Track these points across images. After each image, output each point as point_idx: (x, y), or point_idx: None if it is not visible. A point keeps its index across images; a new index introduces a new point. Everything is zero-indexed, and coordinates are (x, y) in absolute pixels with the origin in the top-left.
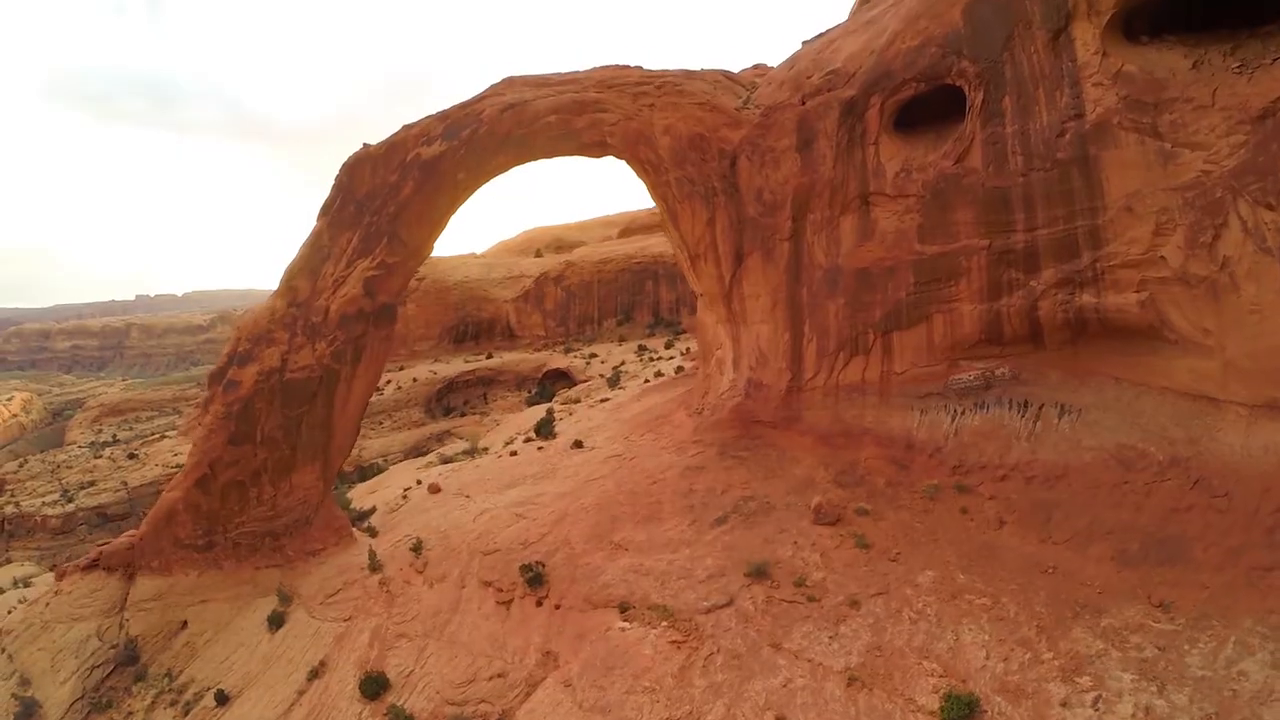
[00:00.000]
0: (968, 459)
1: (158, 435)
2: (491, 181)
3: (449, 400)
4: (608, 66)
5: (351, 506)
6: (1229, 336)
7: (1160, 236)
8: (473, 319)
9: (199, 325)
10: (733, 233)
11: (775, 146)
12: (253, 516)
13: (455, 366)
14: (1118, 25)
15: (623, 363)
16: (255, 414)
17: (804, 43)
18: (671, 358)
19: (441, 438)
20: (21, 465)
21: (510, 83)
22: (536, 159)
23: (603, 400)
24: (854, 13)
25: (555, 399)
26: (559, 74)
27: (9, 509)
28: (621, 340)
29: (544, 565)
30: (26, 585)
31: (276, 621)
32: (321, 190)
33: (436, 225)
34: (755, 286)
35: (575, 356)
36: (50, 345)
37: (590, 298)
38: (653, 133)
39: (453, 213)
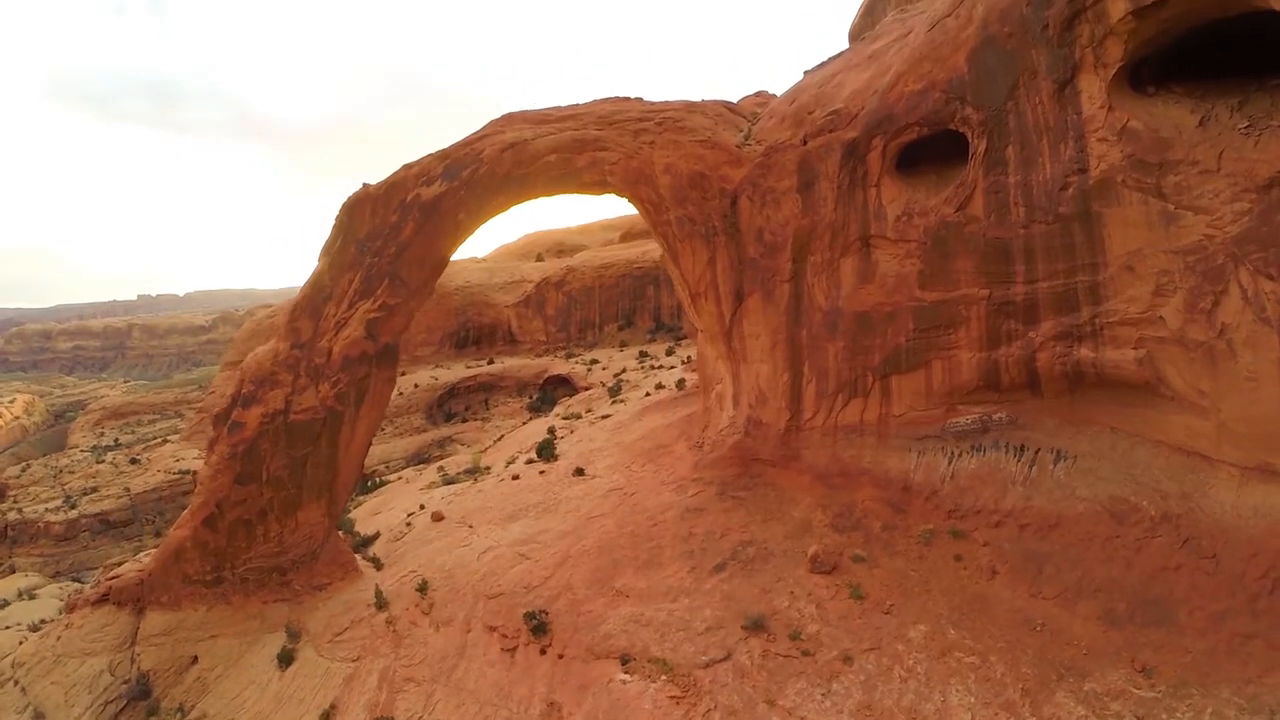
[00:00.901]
0: (964, 503)
1: (160, 440)
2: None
3: (450, 406)
4: (608, 99)
5: (354, 530)
6: (1224, 400)
7: (1160, 297)
8: (474, 324)
9: (201, 326)
10: (733, 272)
11: (776, 187)
12: (260, 553)
13: (457, 372)
14: (1124, 76)
15: (624, 370)
16: (261, 455)
17: (806, 72)
18: (672, 367)
19: (443, 444)
20: (24, 470)
21: (510, 119)
22: (537, 197)
23: (604, 417)
24: (855, 31)
25: (557, 409)
26: (559, 109)
27: (12, 515)
28: (623, 346)
29: (547, 613)
30: (31, 597)
31: (286, 659)
32: (322, 190)
33: (438, 265)
34: (755, 326)
35: (576, 362)
36: (52, 346)
37: (591, 303)
38: (653, 171)
39: (454, 251)
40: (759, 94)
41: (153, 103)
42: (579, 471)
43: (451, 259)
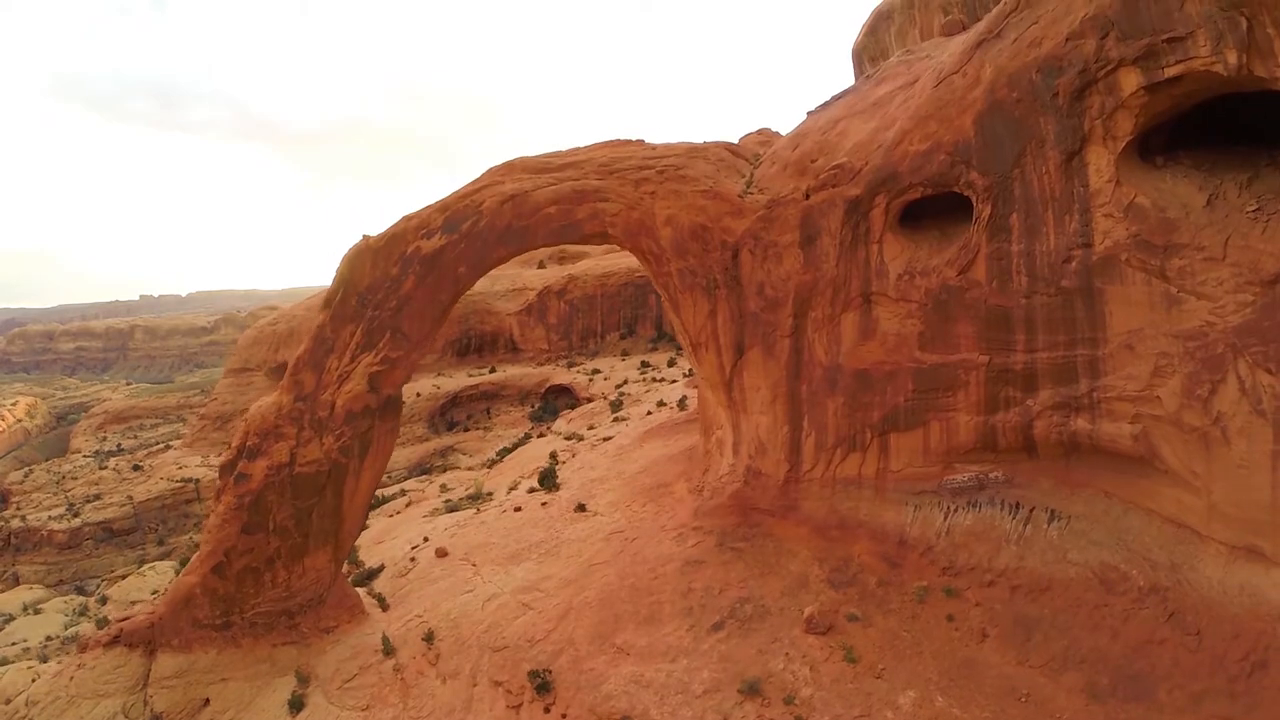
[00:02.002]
0: (958, 560)
1: (162, 445)
2: None
3: (452, 415)
4: (609, 144)
5: (359, 559)
6: (1216, 482)
7: (1158, 378)
8: (476, 332)
9: (203, 327)
10: (734, 325)
11: (778, 241)
12: (268, 598)
13: (459, 381)
14: (1133, 148)
15: (625, 381)
16: (267, 505)
17: (809, 113)
18: (674, 380)
19: (445, 453)
20: (27, 475)
21: (510, 168)
22: (538, 248)
23: (605, 439)
24: (858, 49)
25: (559, 423)
26: (559, 154)
27: (15, 523)
28: (624, 355)
29: (550, 671)
30: (36, 612)
31: (296, 705)
32: (326, 191)
33: (440, 318)
34: (755, 379)
35: (578, 372)
36: (54, 347)
37: (593, 311)
38: (654, 223)
39: (455, 303)
40: (761, 132)
41: (156, 103)
42: (580, 507)
43: None
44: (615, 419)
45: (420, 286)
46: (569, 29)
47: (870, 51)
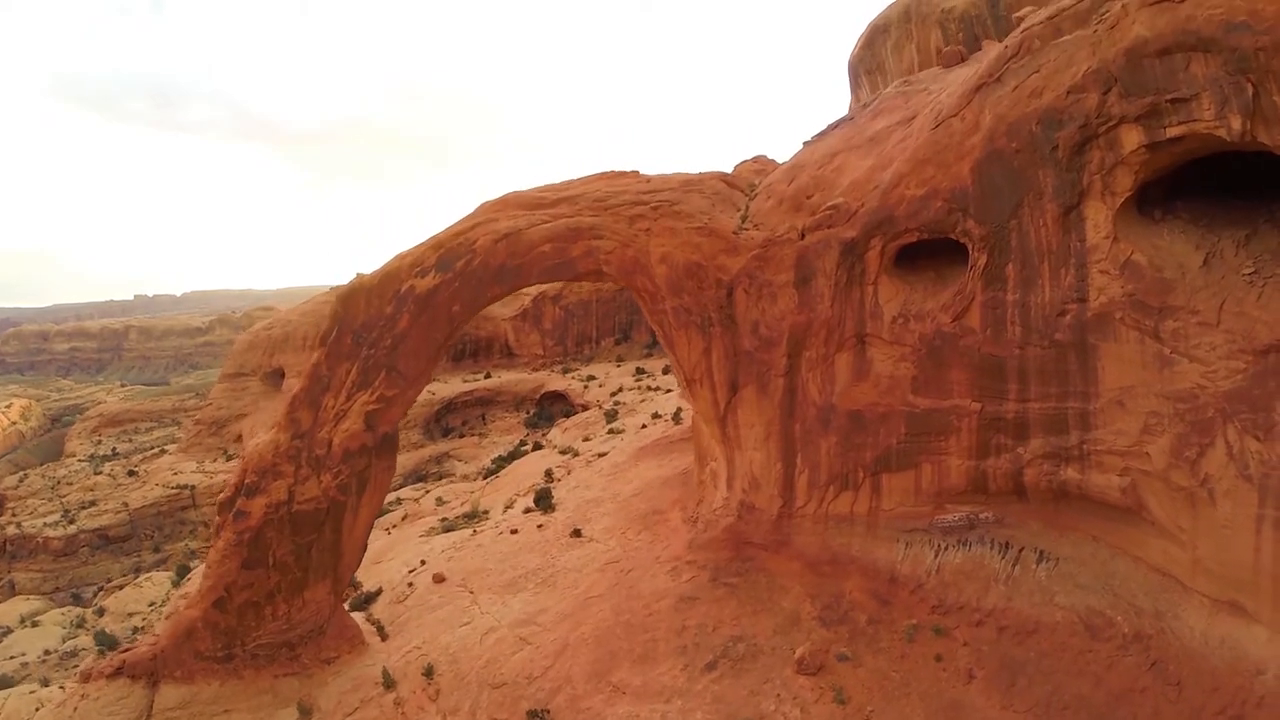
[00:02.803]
0: (947, 598)
1: (157, 450)
2: (481, 194)
3: (448, 421)
4: (604, 176)
5: (356, 580)
6: (1201, 539)
7: (1148, 435)
8: (471, 337)
9: (197, 328)
10: (728, 363)
11: (773, 281)
12: (269, 630)
13: (454, 386)
14: (1131, 202)
15: (620, 389)
16: (266, 541)
17: (805, 143)
18: (669, 389)
19: (440, 460)
20: (22, 480)
21: (504, 204)
22: (532, 285)
23: (600, 455)
24: (855, 62)
25: (554, 433)
26: (554, 188)
27: (11, 529)
28: (619, 361)
29: (549, 711)
30: (34, 624)
31: None
32: (321, 191)
33: (435, 356)
34: (749, 416)
35: (573, 378)
36: (49, 347)
37: (589, 317)
38: (649, 261)
39: (450, 341)
40: (757, 160)
41: (154, 103)
42: (576, 533)
43: None
44: (610, 431)
45: (415, 325)
46: (570, 28)
47: (866, 64)
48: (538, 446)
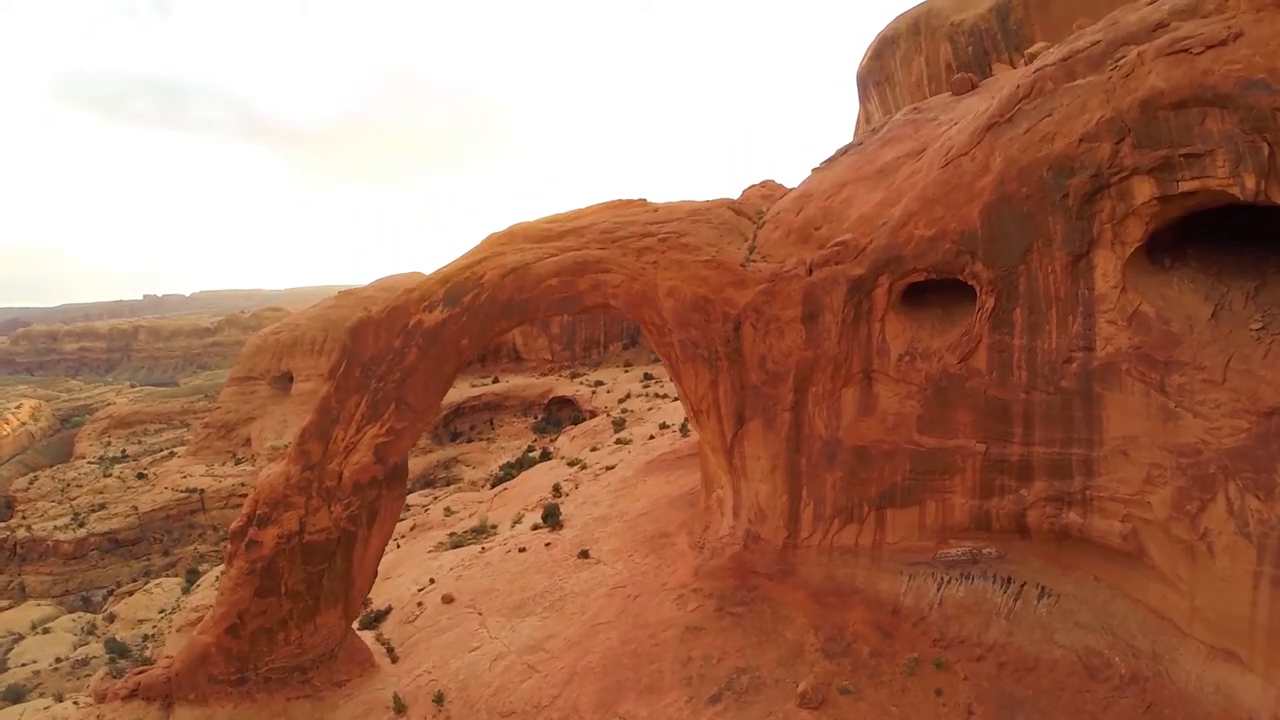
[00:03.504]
0: (949, 632)
1: (166, 452)
2: (489, 193)
3: (456, 425)
4: (611, 205)
5: (365, 597)
6: (1199, 589)
7: (1150, 485)
8: None
9: (206, 328)
10: (735, 396)
11: (780, 316)
12: (281, 654)
13: (462, 391)
14: (1141, 251)
15: (628, 395)
16: (278, 570)
17: (814, 170)
18: (677, 397)
19: (449, 465)
20: (32, 482)
21: (511, 236)
22: (540, 318)
23: (608, 468)
24: (863, 73)
25: (561, 440)
26: (561, 220)
27: (21, 532)
28: (627, 366)
29: None
30: (46, 631)
31: None
32: (330, 191)
33: (443, 388)
34: (756, 449)
35: (581, 383)
36: (58, 347)
37: (596, 321)
38: (656, 294)
39: (458, 372)
40: (765, 184)
41: (160, 103)
42: (584, 554)
43: None
44: (618, 441)
45: (423, 359)
46: (571, 27)
47: (875, 76)
48: (545, 454)
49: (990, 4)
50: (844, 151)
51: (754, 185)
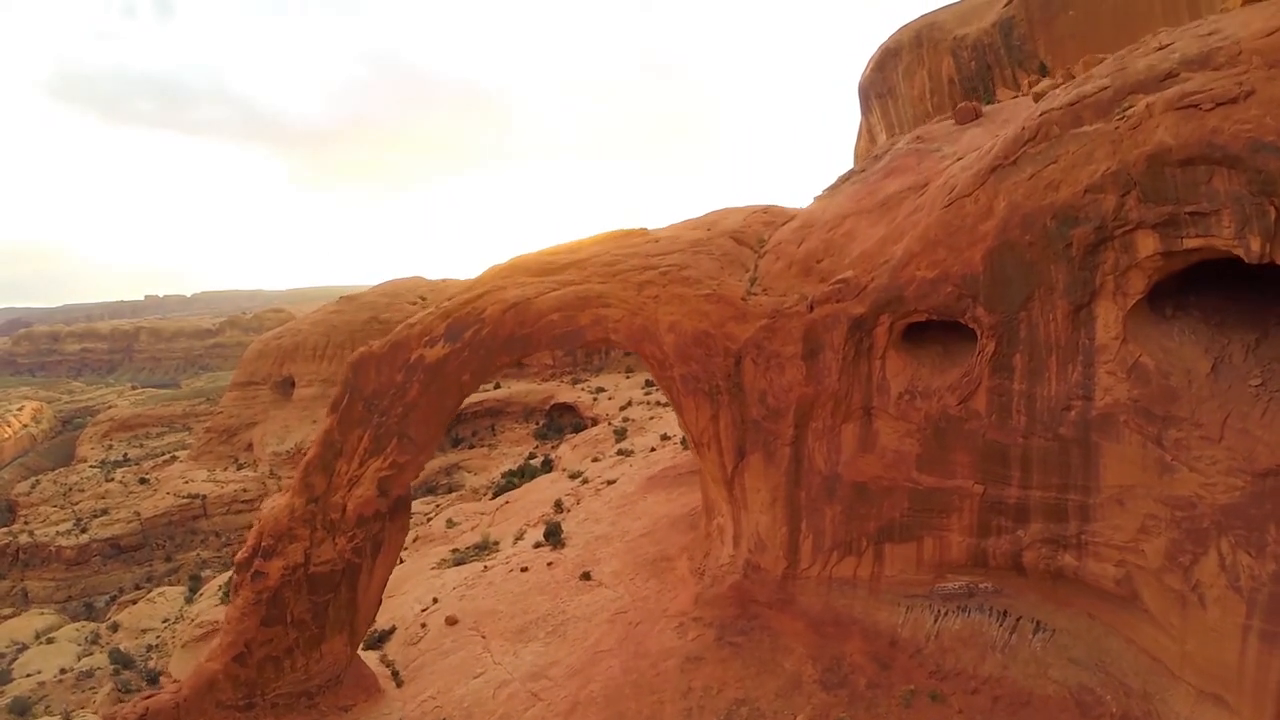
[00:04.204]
0: (945, 664)
1: (168, 456)
2: (494, 196)
3: (457, 431)
4: (612, 236)
5: None
6: (1190, 636)
7: (1144, 535)
8: None
9: (207, 330)
10: (735, 431)
11: (781, 352)
12: (288, 681)
13: None
14: (1143, 301)
15: (629, 403)
16: (284, 601)
17: (816, 197)
18: None
19: (450, 471)
20: (34, 486)
21: (512, 270)
22: (541, 351)
23: (609, 483)
24: (865, 85)
25: (563, 449)
26: (561, 252)
27: (24, 538)
28: (629, 372)
29: None
30: (50, 641)
31: None
32: (328, 192)
33: (446, 421)
34: (756, 481)
35: (583, 390)
36: (60, 348)
37: None
38: (657, 329)
39: (460, 405)
40: (767, 210)
41: (161, 102)
42: (585, 576)
43: (457, 279)
44: (619, 451)
45: (425, 394)
46: (571, 27)
47: (877, 88)
48: (546, 462)
49: (994, 19)
50: (846, 179)
51: (756, 210)
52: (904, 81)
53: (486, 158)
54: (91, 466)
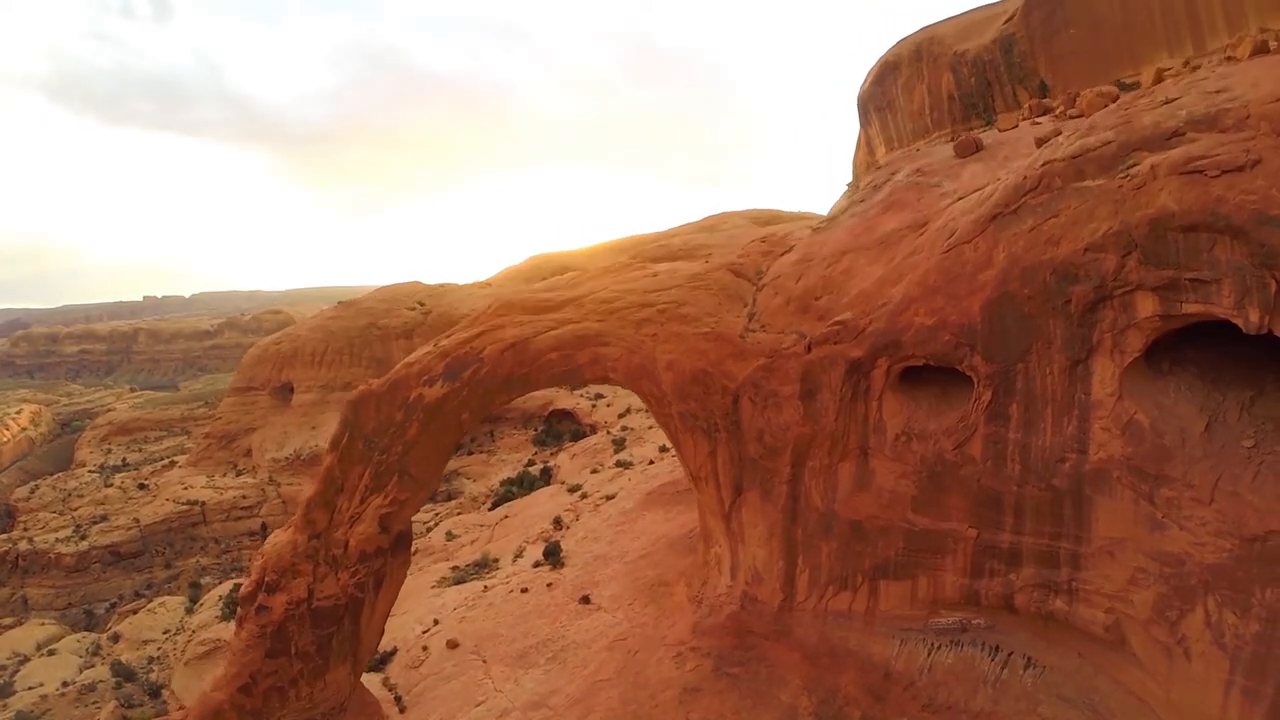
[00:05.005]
0: (937, 697)
1: (166, 461)
2: (494, 196)
3: None
4: (609, 271)
5: None
6: (1175, 685)
7: (1133, 586)
8: None
9: (206, 331)
10: (733, 467)
11: (778, 392)
12: (292, 709)
13: None
14: (1140, 359)
15: (628, 410)
16: (288, 634)
17: (814, 230)
18: None
19: (449, 478)
20: (33, 491)
21: (509, 308)
22: (540, 389)
23: (608, 498)
24: (864, 98)
25: (563, 455)
26: (559, 287)
27: (23, 545)
28: None
29: None
30: (51, 653)
31: None
32: (327, 192)
33: (444, 458)
34: (753, 516)
35: (581, 396)
36: (58, 349)
37: None
38: (656, 368)
39: (459, 442)
40: (765, 240)
41: (159, 103)
42: (585, 600)
43: (455, 284)
44: (618, 463)
45: (425, 433)
46: (571, 28)
47: (876, 101)
48: (545, 471)
49: (994, 35)
50: (847, 209)
51: (754, 241)
52: (903, 95)
53: (487, 158)
54: (90, 471)
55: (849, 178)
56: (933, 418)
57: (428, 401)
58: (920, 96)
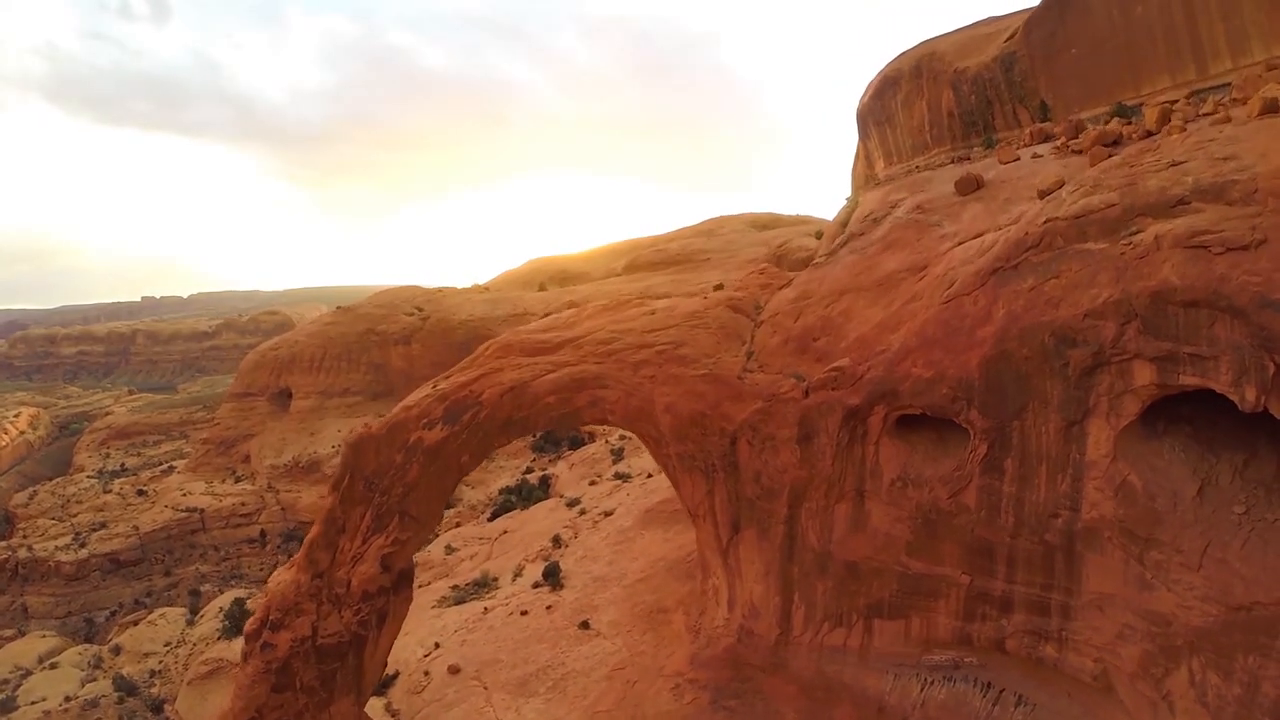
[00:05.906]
0: None
1: (165, 466)
2: (495, 201)
3: None
4: (606, 309)
5: None
6: None
7: (1120, 641)
8: None
9: (204, 332)
10: (730, 506)
11: (776, 435)
12: None
13: None
14: (1135, 422)
15: None
16: (293, 670)
17: (813, 265)
18: None
19: None
20: (31, 497)
21: (507, 351)
22: (539, 430)
23: (606, 514)
24: (863, 111)
25: (561, 464)
26: (557, 327)
27: (22, 553)
28: None
29: None
30: (53, 666)
31: None
32: (325, 192)
33: (445, 498)
34: (750, 554)
35: None
36: (56, 351)
37: None
38: (654, 410)
39: (459, 482)
40: (764, 272)
41: (157, 104)
42: (584, 625)
43: (454, 288)
44: (616, 475)
45: (425, 475)
46: (572, 28)
47: (876, 115)
48: (544, 480)
49: (995, 53)
50: (846, 243)
51: (752, 273)
52: (903, 111)
53: (486, 158)
54: (89, 477)
55: (848, 187)
56: (929, 464)
57: (427, 444)
58: (920, 112)
